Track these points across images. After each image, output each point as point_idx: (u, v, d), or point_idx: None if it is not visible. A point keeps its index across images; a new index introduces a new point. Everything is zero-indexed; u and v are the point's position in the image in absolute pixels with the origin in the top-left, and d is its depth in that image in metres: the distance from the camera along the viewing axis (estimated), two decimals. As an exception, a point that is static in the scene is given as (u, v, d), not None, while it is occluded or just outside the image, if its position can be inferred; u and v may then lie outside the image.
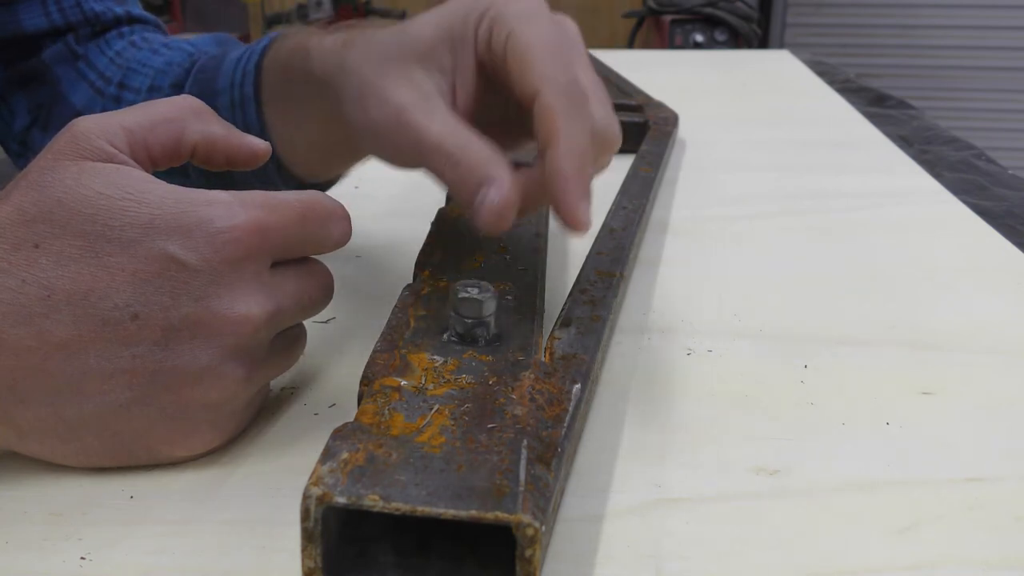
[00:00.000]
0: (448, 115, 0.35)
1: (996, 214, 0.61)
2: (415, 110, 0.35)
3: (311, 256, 0.34)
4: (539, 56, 0.33)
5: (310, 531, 0.24)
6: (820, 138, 0.79)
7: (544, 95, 0.33)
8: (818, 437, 0.34)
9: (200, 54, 0.55)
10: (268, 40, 0.50)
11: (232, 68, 0.50)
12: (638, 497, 0.31)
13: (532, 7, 0.35)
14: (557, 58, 0.34)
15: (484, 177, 0.33)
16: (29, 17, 0.56)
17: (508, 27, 0.34)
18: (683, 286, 0.48)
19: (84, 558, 0.28)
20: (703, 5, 2.12)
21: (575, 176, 0.32)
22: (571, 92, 0.33)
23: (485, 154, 0.33)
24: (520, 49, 0.34)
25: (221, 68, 0.51)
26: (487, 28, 0.35)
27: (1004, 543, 0.29)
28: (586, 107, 0.34)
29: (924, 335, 0.42)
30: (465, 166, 0.33)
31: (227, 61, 0.51)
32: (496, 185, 0.32)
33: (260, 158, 0.36)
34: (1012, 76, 2.81)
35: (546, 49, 0.34)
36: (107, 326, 0.29)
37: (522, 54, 0.34)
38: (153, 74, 0.55)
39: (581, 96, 0.34)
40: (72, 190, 0.29)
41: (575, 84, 0.34)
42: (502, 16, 0.35)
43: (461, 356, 0.32)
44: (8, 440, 0.30)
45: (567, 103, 0.33)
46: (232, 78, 0.49)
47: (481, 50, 0.36)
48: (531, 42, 0.34)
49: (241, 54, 0.51)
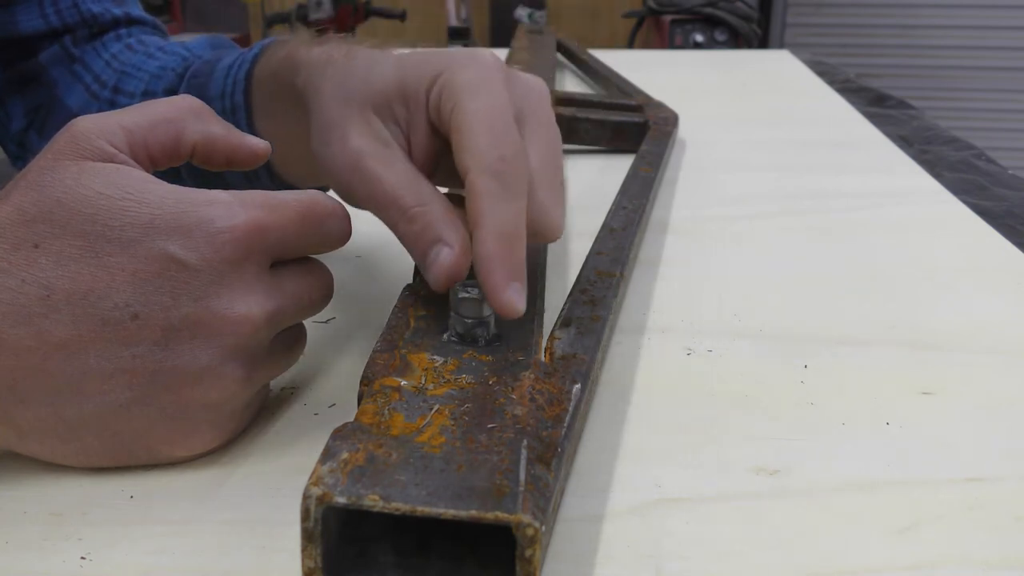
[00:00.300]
0: (406, 167, 0.35)
1: (996, 214, 0.61)
2: (373, 158, 0.35)
3: (311, 256, 0.34)
4: (474, 133, 0.33)
5: (310, 531, 0.24)
6: (820, 138, 0.79)
7: (472, 175, 0.32)
8: (818, 437, 0.34)
9: (194, 58, 0.54)
10: (259, 48, 0.49)
11: (224, 75, 0.50)
12: (638, 497, 0.31)
13: (482, 75, 0.34)
14: (493, 136, 0.33)
15: (437, 237, 0.33)
16: (26, 19, 0.56)
17: (454, 98, 0.34)
18: (683, 286, 0.48)
19: (84, 558, 0.28)
20: (703, 5, 2.12)
21: (499, 260, 0.31)
22: (500, 172, 0.32)
23: (440, 214, 0.33)
24: (458, 124, 0.33)
25: (213, 75, 0.50)
26: (437, 95, 0.34)
27: (1004, 543, 0.29)
28: (518, 188, 0.33)
29: (924, 335, 0.42)
30: (420, 224, 0.33)
31: (219, 68, 0.50)
32: (448, 247, 0.33)
33: (260, 158, 0.36)
34: (1012, 76, 2.81)
35: (483, 126, 0.33)
36: (107, 326, 0.29)
37: (459, 130, 0.33)
38: (148, 79, 0.55)
39: (514, 177, 0.32)
40: (72, 190, 0.29)
41: (508, 163, 0.32)
42: (451, 85, 0.34)
43: (461, 356, 0.32)
44: (8, 440, 0.30)
45: (495, 185, 0.32)
46: (223, 86, 0.49)
47: (432, 116, 0.35)
48: (469, 118, 0.33)
49: (233, 61, 0.50)
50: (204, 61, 0.53)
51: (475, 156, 0.32)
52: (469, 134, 0.33)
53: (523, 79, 0.37)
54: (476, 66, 0.35)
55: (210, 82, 0.50)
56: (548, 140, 0.36)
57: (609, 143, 0.74)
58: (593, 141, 0.74)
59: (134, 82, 0.55)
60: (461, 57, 0.35)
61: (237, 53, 0.51)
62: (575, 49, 1.12)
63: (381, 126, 0.36)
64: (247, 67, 0.49)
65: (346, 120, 0.36)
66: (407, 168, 0.35)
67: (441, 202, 0.34)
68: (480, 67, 0.35)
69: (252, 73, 0.48)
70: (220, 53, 0.53)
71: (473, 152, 0.32)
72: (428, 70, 0.35)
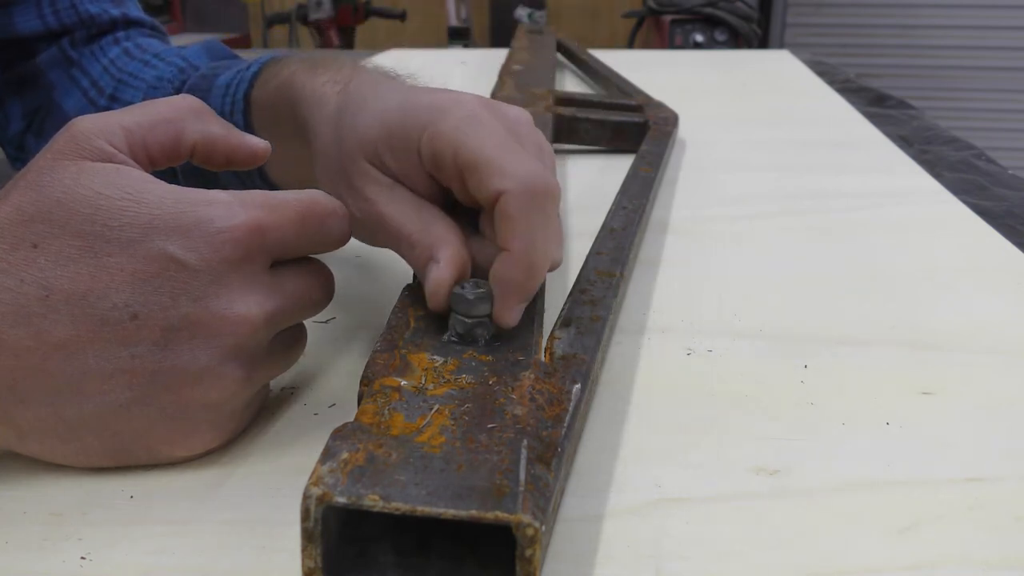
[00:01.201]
0: (410, 199, 0.36)
1: (996, 214, 0.61)
2: (382, 204, 0.36)
3: (312, 256, 0.34)
4: (492, 158, 0.33)
5: (310, 531, 0.24)
6: (820, 138, 0.79)
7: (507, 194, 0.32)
8: (818, 437, 0.34)
9: (191, 69, 0.54)
10: (258, 66, 0.49)
11: (221, 95, 0.49)
12: (638, 497, 0.31)
13: (470, 114, 0.34)
14: (513, 157, 0.33)
15: (431, 256, 0.34)
16: (24, 20, 0.55)
17: (451, 144, 0.33)
18: (683, 286, 0.48)
19: (84, 558, 0.27)
20: (703, 5, 2.12)
21: (517, 288, 0.33)
22: (534, 191, 0.32)
23: (437, 234, 0.34)
24: (469, 160, 0.33)
25: (211, 92, 0.50)
26: (429, 147, 0.34)
27: (1004, 543, 0.29)
28: (551, 208, 0.33)
29: (924, 335, 0.42)
30: (420, 247, 0.34)
31: (217, 86, 0.50)
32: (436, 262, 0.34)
33: (260, 158, 0.36)
34: (1012, 76, 2.81)
35: (497, 151, 0.33)
36: (106, 326, 0.29)
37: (474, 163, 0.33)
38: (145, 88, 0.54)
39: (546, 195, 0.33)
40: (71, 190, 0.29)
41: (539, 180, 0.32)
42: (441, 135, 0.34)
43: (461, 356, 0.32)
44: (8, 440, 0.30)
45: (530, 204, 0.32)
46: (222, 106, 0.49)
47: (430, 169, 0.35)
48: (478, 151, 0.33)
49: (231, 80, 0.50)
50: (201, 75, 0.52)
51: (505, 176, 0.32)
52: (489, 161, 0.32)
53: (505, 109, 0.37)
54: (460, 108, 0.34)
55: (208, 99, 0.49)
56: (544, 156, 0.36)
57: (609, 143, 0.74)
58: (593, 141, 0.74)
59: (131, 91, 0.55)
60: (442, 103, 0.35)
61: (235, 69, 0.50)
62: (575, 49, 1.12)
63: (378, 173, 0.36)
64: (245, 87, 0.48)
65: (349, 172, 0.36)
66: (411, 200, 0.35)
67: (441, 222, 0.35)
68: (464, 108, 0.34)
69: (250, 95, 0.48)
70: (217, 67, 0.52)
71: (503, 173, 0.32)
72: (414, 124, 0.35)
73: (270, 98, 0.46)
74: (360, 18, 2.52)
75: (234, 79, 0.49)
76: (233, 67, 0.51)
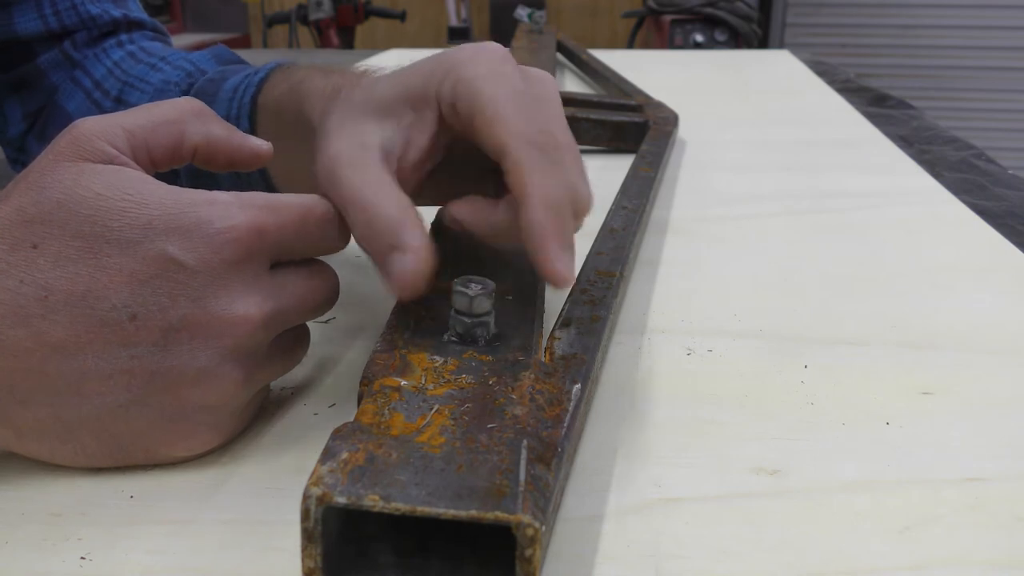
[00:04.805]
0: (378, 170, 0.33)
1: (996, 214, 0.61)
2: (343, 161, 0.33)
3: (317, 258, 0.34)
4: (503, 112, 0.32)
5: (310, 531, 0.24)
6: (820, 138, 0.79)
7: (512, 150, 0.32)
8: (818, 437, 0.34)
9: (199, 73, 0.54)
10: (265, 72, 0.49)
11: (228, 99, 0.49)
12: (638, 497, 0.31)
13: (494, 68, 0.34)
14: (522, 112, 0.32)
15: (395, 241, 0.31)
16: (23, 20, 0.55)
17: (471, 89, 0.33)
18: (683, 286, 0.48)
19: (84, 558, 0.27)
20: (703, 5, 2.12)
21: (552, 229, 0.31)
22: (542, 144, 0.32)
23: (398, 216, 0.32)
24: (484, 108, 0.33)
25: (218, 96, 0.50)
26: (450, 90, 0.34)
27: (1004, 543, 0.29)
28: (560, 158, 0.32)
29: (924, 335, 0.42)
30: (377, 226, 0.32)
31: (224, 89, 0.50)
32: (410, 252, 0.31)
33: (262, 159, 0.36)
34: (1012, 76, 2.81)
35: (510, 104, 0.32)
36: (105, 327, 0.29)
37: (486, 113, 0.32)
38: (152, 92, 0.54)
39: (554, 147, 0.32)
40: (71, 191, 0.29)
41: (547, 135, 0.32)
42: (464, 79, 0.33)
43: (461, 356, 0.32)
44: (7, 441, 0.30)
45: (538, 155, 0.32)
46: (228, 109, 0.49)
47: (446, 113, 0.34)
48: (495, 99, 0.32)
49: (239, 83, 0.49)
50: (208, 79, 0.52)
51: (512, 130, 0.32)
52: (498, 113, 0.32)
53: (531, 71, 0.36)
54: (486, 58, 0.34)
55: (215, 103, 0.49)
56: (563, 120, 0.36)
57: (609, 143, 0.74)
58: (593, 141, 0.74)
59: (138, 95, 0.55)
60: (469, 51, 0.35)
61: (243, 74, 0.50)
62: (575, 49, 1.12)
63: (374, 129, 0.35)
64: (252, 92, 0.48)
65: (335, 129, 0.35)
66: (378, 171, 0.33)
67: (407, 209, 0.32)
68: (490, 58, 0.34)
69: (258, 99, 0.48)
70: (225, 71, 0.52)
71: (509, 126, 0.32)
72: (437, 70, 0.35)
73: (277, 102, 0.46)
74: (360, 18, 2.52)
75: (242, 83, 0.49)
76: (241, 72, 0.51)
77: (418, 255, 0.31)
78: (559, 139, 0.33)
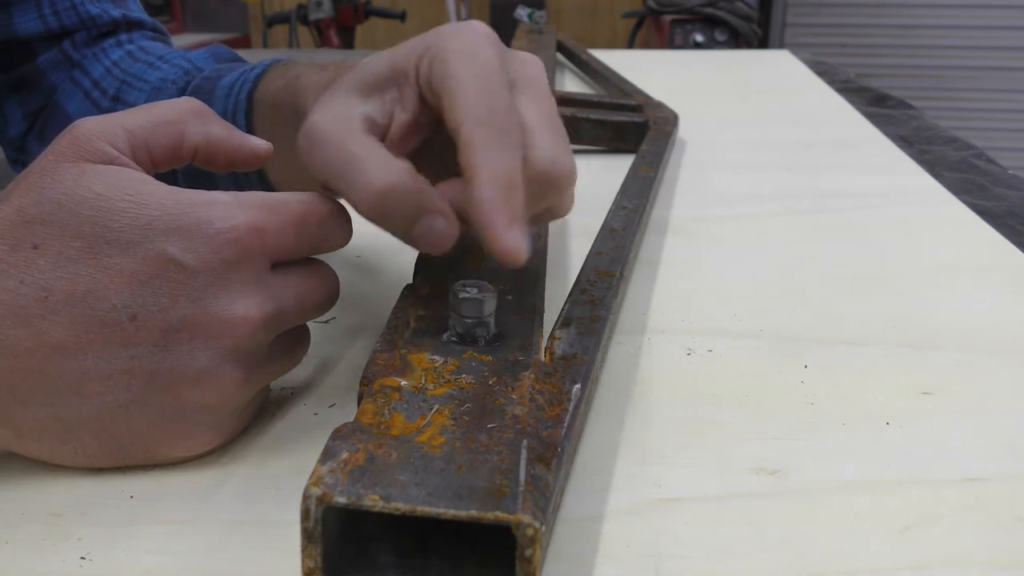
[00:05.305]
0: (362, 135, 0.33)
1: (996, 214, 0.61)
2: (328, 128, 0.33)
3: (317, 258, 0.34)
4: (462, 90, 0.32)
5: (310, 531, 0.24)
6: (820, 138, 0.79)
7: (464, 127, 0.31)
8: (818, 437, 0.34)
9: (196, 71, 0.54)
10: (261, 68, 0.49)
11: (225, 95, 0.49)
12: (638, 497, 0.31)
13: (472, 45, 0.34)
14: (483, 92, 0.32)
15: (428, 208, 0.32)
16: (23, 20, 0.55)
17: (444, 65, 0.33)
18: (683, 286, 0.48)
19: (84, 558, 0.28)
20: (703, 5, 2.12)
21: (497, 206, 0.30)
22: (493, 124, 0.31)
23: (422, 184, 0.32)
24: (447, 85, 0.32)
25: (215, 93, 0.50)
26: (428, 65, 0.34)
27: (1004, 543, 0.29)
28: (511, 139, 0.32)
29: (924, 335, 0.42)
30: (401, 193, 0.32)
31: (221, 86, 0.50)
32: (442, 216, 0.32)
33: (262, 159, 0.36)
34: (1012, 76, 2.81)
35: (473, 84, 0.32)
36: (105, 327, 0.29)
37: (448, 90, 0.32)
38: (149, 90, 0.54)
39: (506, 129, 0.32)
40: (72, 192, 0.29)
41: (499, 115, 0.32)
42: (440, 54, 0.33)
43: (461, 356, 0.32)
44: (7, 441, 0.30)
45: (487, 135, 0.31)
46: (225, 105, 0.49)
47: (424, 88, 0.34)
48: (459, 77, 0.32)
49: (235, 80, 0.49)
50: (205, 77, 0.52)
51: (465, 109, 0.31)
52: (458, 92, 0.32)
53: (518, 54, 0.36)
54: (465, 34, 0.34)
55: (211, 100, 0.49)
56: (545, 99, 0.35)
57: (609, 143, 0.74)
58: (593, 141, 0.74)
59: (135, 93, 0.55)
60: (451, 27, 0.35)
61: (239, 70, 0.50)
62: (575, 49, 1.12)
63: (356, 103, 0.34)
64: (248, 88, 0.48)
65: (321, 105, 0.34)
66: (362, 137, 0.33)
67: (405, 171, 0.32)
68: (470, 35, 0.34)
69: (254, 95, 0.48)
70: (222, 68, 0.52)
71: (463, 106, 0.32)
72: (419, 46, 0.34)
73: (273, 98, 0.46)
74: (360, 18, 2.52)
75: (238, 80, 0.49)
76: (237, 69, 0.51)
77: (448, 216, 0.32)
78: (513, 120, 0.32)
